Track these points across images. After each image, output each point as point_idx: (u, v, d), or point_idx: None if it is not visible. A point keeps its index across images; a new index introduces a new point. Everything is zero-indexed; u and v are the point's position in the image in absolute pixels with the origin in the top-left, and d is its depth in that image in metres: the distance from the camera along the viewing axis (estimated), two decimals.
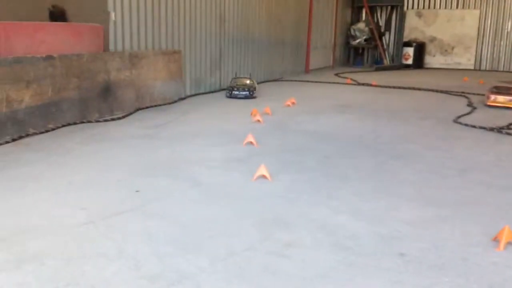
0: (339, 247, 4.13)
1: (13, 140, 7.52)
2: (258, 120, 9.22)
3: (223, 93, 13.02)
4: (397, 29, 25.69)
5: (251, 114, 9.73)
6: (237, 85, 12.53)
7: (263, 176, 5.82)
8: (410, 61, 23.97)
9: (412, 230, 4.49)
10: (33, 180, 5.71)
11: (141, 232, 4.38)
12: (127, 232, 4.38)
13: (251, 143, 7.44)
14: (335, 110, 10.79)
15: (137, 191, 5.41)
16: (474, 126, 9.07)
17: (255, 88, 12.59)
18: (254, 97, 12.35)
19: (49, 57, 8.22)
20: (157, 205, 5.04)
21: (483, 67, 24.04)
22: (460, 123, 9.46)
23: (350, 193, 5.44)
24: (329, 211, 4.90)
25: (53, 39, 8.76)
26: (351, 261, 3.89)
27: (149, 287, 3.44)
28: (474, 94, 13.46)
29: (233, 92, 12.31)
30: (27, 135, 7.80)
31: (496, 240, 4.18)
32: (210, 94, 13.00)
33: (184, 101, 11.72)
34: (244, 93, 12.29)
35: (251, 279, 3.59)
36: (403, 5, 25.28)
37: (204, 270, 3.70)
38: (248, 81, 12.86)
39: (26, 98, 7.89)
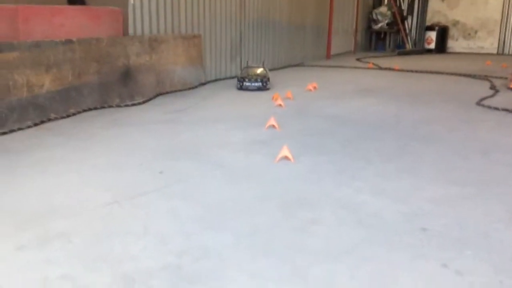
0: (362, 224, 4.12)
1: (35, 124, 7.59)
2: (280, 105, 9.19)
3: None
4: (419, 12, 25.23)
5: (273, 99, 9.70)
6: (248, 75, 11.52)
7: (286, 158, 5.80)
8: (432, 46, 23.61)
9: (434, 208, 4.47)
10: (56, 163, 5.77)
11: (165, 211, 4.41)
12: (152, 211, 4.41)
13: (273, 126, 7.42)
14: (357, 95, 10.70)
15: (160, 172, 5.44)
16: (497, 109, 8.93)
17: (268, 79, 11.54)
18: (268, 89, 11.36)
19: (68, 41, 8.27)
20: (180, 186, 5.06)
21: (506, 51, 23.54)
22: (482, 105, 9.32)
23: (372, 174, 5.40)
24: (352, 191, 4.87)
25: (72, 23, 8.80)
26: (374, 237, 3.88)
27: (176, 262, 3.46)
28: (497, 77, 13.23)
29: (244, 83, 11.32)
30: (49, 120, 7.88)
31: None
32: (231, 80, 12.97)
33: (205, 86, 11.73)
34: (256, 84, 11.26)
35: (276, 255, 3.59)
36: None
37: (229, 246, 3.71)
38: (260, 71, 11.75)
39: (46, 82, 7.97)
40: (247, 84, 11.33)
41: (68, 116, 8.20)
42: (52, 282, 3.23)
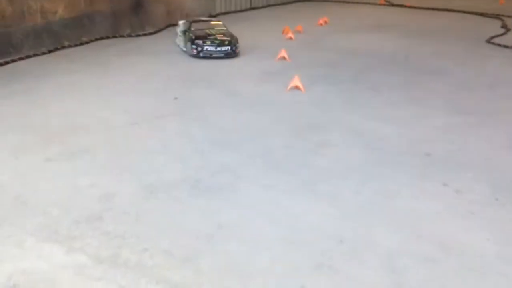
0: (369, 147, 4.37)
1: (50, 51, 7.73)
2: (290, 38, 9.22)
3: (255, 11, 12.84)
4: None
5: (283, 32, 9.72)
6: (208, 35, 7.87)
7: (297, 87, 5.98)
8: None
9: (439, 135, 4.71)
10: (74, 87, 5.97)
11: (182, 133, 4.64)
12: (170, 132, 4.64)
13: (283, 58, 7.53)
14: (367, 30, 10.66)
15: (175, 98, 5.64)
16: (506, 46, 8.96)
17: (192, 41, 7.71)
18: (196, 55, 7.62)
19: None
20: (196, 110, 5.27)
21: None
22: (492, 43, 9.35)
23: (381, 103, 5.60)
24: (361, 118, 5.08)
25: None
26: (381, 159, 4.14)
27: (195, 176, 3.74)
28: (509, 16, 13.09)
29: (206, 48, 7.61)
30: (63, 47, 7.99)
31: None
32: (241, 13, 12.89)
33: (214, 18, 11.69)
34: (224, 49, 7.64)
35: (288, 171, 3.87)
36: None
37: (243, 164, 3.97)
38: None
39: (59, 9, 8.02)
40: (210, 49, 7.66)
41: (81, 44, 8.30)
42: (82, 189, 3.52)
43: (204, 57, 7.61)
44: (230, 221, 3.16)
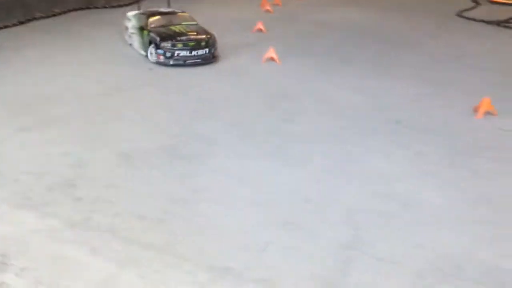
0: (340, 115, 4.48)
1: (21, 22, 7.56)
2: (268, 10, 9.20)
3: None
4: None
5: (261, 5, 9.66)
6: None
7: (272, 59, 6.00)
8: None
9: (406, 103, 4.87)
10: (47, 58, 5.89)
11: (158, 103, 4.66)
12: (144, 102, 4.65)
13: (260, 30, 7.52)
14: (344, 4, 10.66)
15: (150, 69, 5.62)
16: (474, 20, 9.14)
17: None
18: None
19: None
20: (170, 81, 5.27)
21: None
22: (462, 16, 9.51)
23: (353, 74, 5.69)
24: (333, 88, 5.18)
25: None
26: (350, 126, 4.28)
27: (171, 143, 3.79)
28: None
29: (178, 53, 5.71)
30: (34, 19, 7.82)
31: (476, 110, 4.62)
32: None
33: None
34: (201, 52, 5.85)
35: (261, 137, 3.96)
36: None
37: (218, 131, 4.04)
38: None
39: None
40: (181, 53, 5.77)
41: (53, 15, 8.13)
42: (54, 157, 3.52)
43: (175, 65, 5.69)
44: (203, 185, 3.24)
